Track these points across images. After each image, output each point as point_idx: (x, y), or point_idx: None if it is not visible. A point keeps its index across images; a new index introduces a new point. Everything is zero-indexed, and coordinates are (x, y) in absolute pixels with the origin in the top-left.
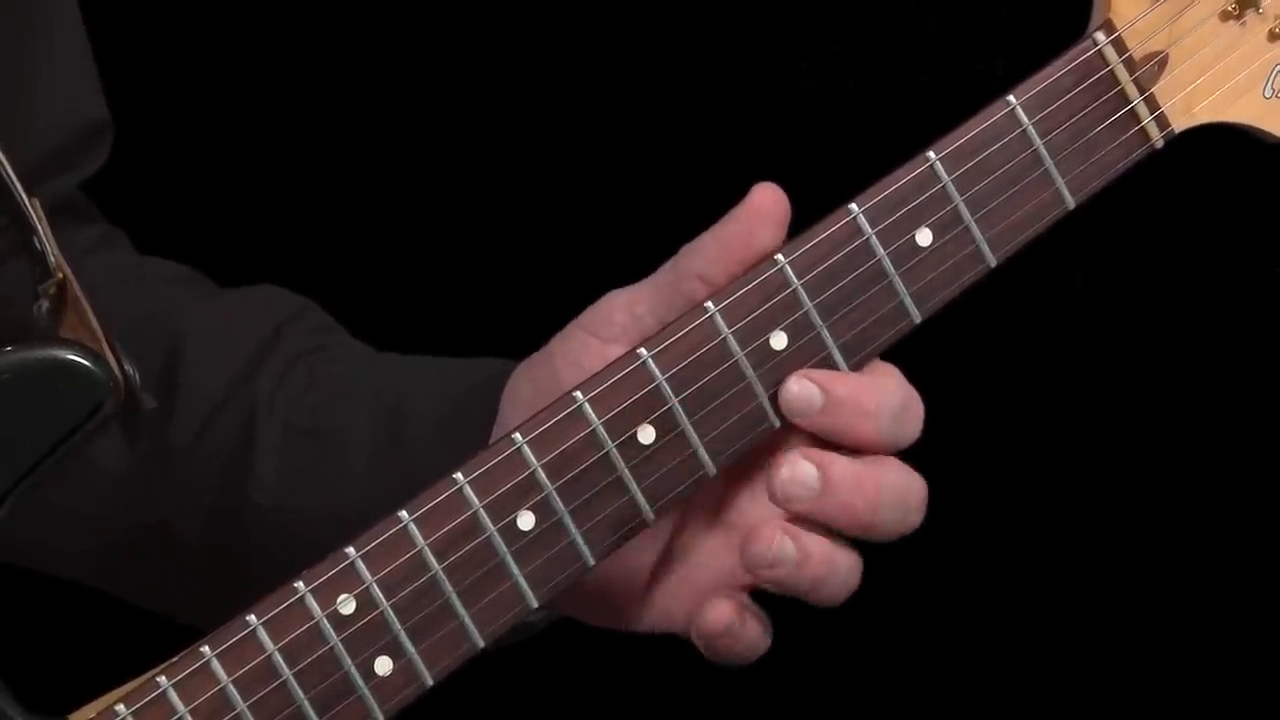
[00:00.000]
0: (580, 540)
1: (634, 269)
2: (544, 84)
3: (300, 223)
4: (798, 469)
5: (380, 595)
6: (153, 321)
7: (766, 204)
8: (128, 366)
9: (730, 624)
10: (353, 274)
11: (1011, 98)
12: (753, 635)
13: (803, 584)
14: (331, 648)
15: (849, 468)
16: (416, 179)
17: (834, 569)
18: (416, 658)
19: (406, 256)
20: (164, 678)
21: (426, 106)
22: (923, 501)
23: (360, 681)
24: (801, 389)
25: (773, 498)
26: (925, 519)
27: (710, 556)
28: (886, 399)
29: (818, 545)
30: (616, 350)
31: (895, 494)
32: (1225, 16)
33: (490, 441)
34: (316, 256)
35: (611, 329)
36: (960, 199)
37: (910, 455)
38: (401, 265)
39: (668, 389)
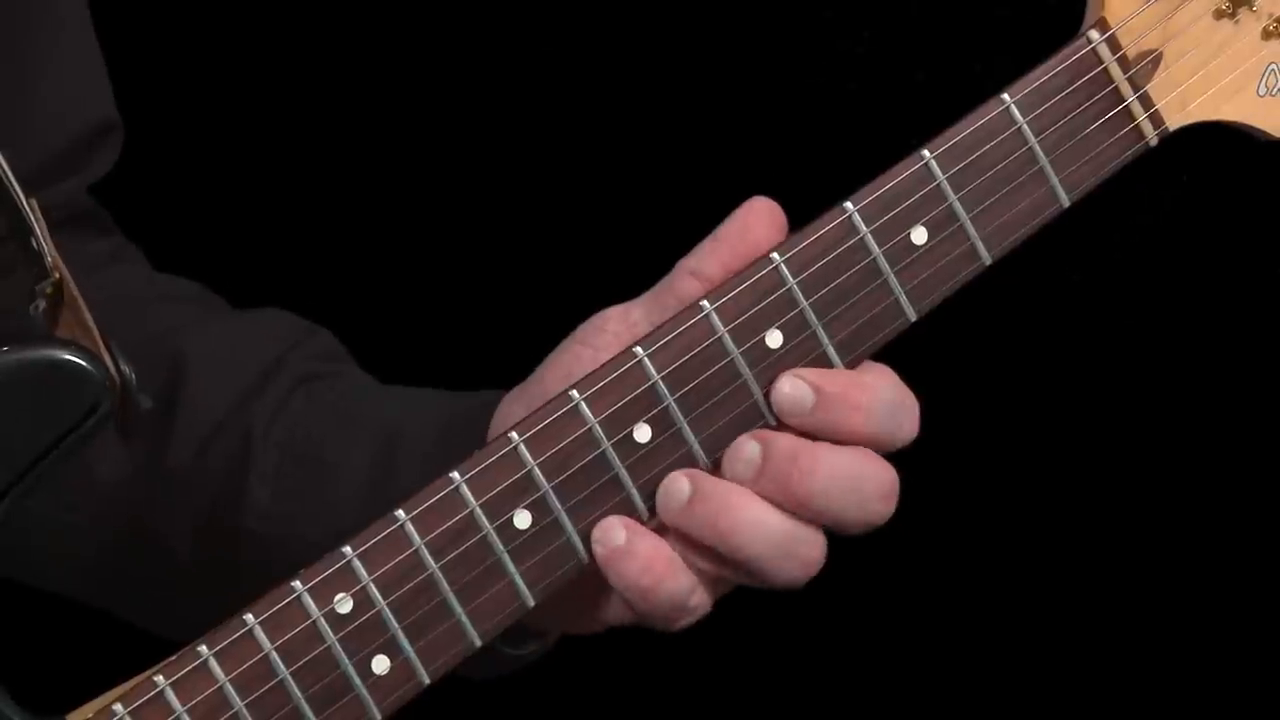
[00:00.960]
0: (577, 538)
1: (635, 270)
2: (545, 85)
3: (310, 226)
4: (742, 446)
5: (377, 594)
6: (158, 340)
7: (765, 208)
8: (124, 366)
9: (609, 527)
10: (363, 281)
11: (1006, 96)
12: (647, 552)
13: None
14: (329, 647)
15: (788, 445)
16: (430, 194)
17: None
18: (413, 656)
19: (419, 273)
20: (162, 677)
21: (442, 115)
22: (888, 492)
23: (357, 680)
24: (793, 388)
25: (726, 476)
26: (923, 516)
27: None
28: (879, 396)
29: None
30: (608, 358)
31: (839, 476)
32: (1219, 14)
33: None
34: (328, 258)
35: (604, 337)
36: (955, 197)
37: (907, 451)
38: (413, 282)
39: (663, 387)
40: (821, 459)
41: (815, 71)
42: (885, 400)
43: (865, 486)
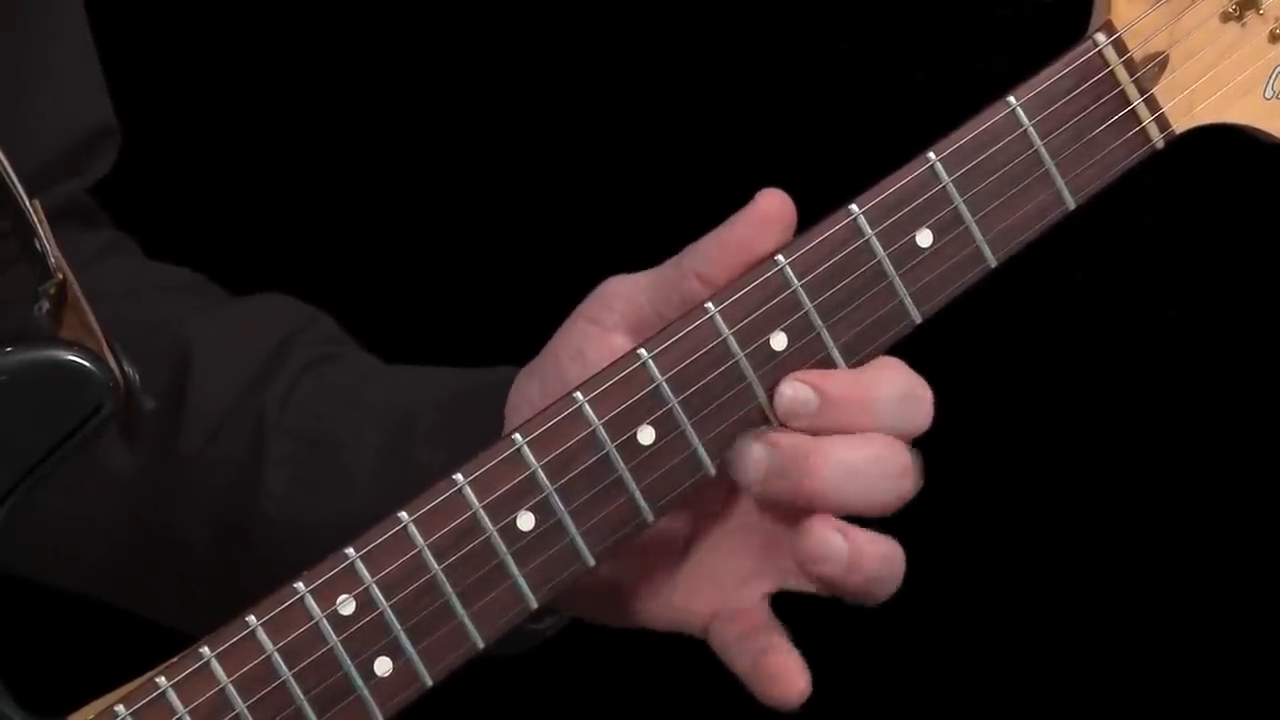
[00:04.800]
0: (580, 540)
1: (638, 269)
2: (547, 86)
3: (308, 227)
4: (744, 451)
5: (380, 596)
6: (161, 329)
7: (773, 209)
8: (127, 367)
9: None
10: (362, 277)
11: (1012, 98)
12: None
13: (853, 583)
14: (331, 648)
15: (793, 444)
16: (425, 182)
17: (889, 566)
18: (416, 658)
19: (416, 261)
20: (163, 678)
21: (439, 109)
22: (906, 467)
23: (360, 682)
24: (795, 392)
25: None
26: (925, 516)
27: (729, 557)
28: (884, 390)
29: (869, 542)
30: (618, 338)
31: (852, 465)
32: (1226, 17)
33: None
34: (324, 259)
35: (612, 316)
36: (961, 200)
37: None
38: (410, 269)
39: (668, 390)
40: (829, 454)
41: (814, 72)
42: (890, 395)
43: (883, 468)
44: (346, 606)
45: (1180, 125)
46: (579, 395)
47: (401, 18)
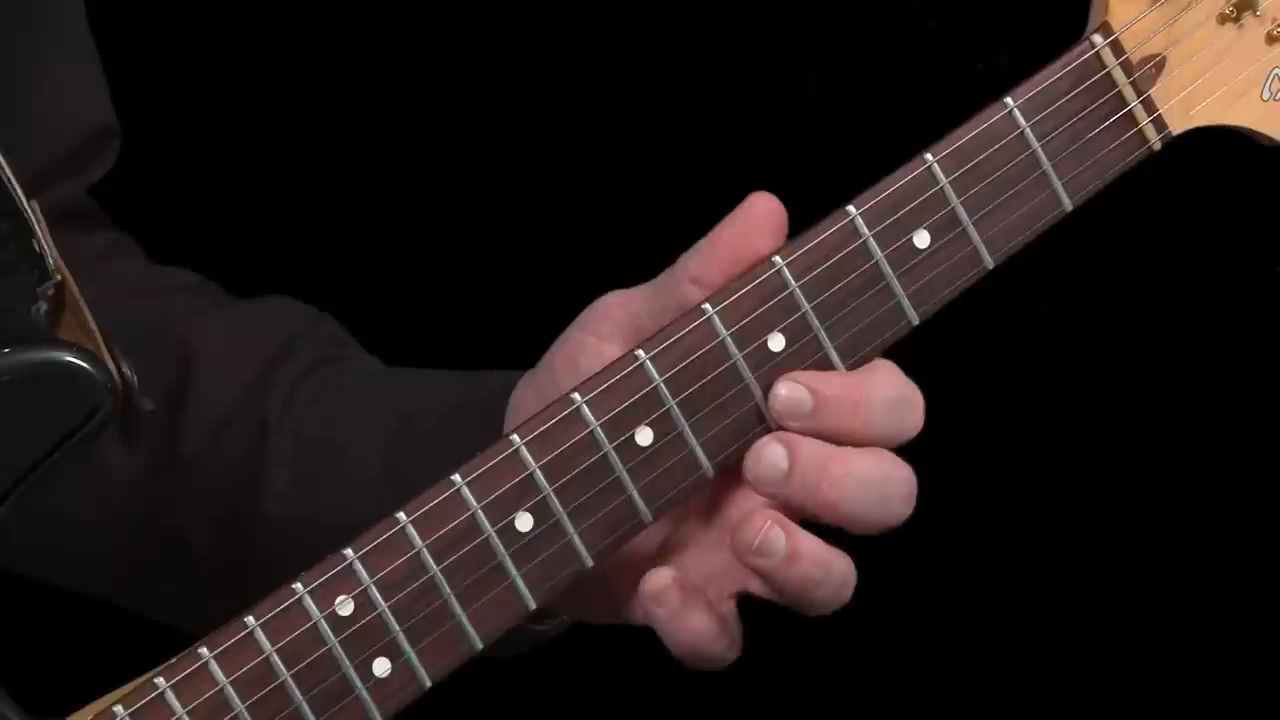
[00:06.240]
0: (578, 541)
1: (639, 273)
2: (547, 89)
3: (309, 228)
4: (765, 450)
5: (378, 596)
6: (164, 331)
7: (763, 211)
8: (126, 368)
9: (663, 591)
10: (364, 279)
11: (1009, 100)
12: (696, 625)
13: (791, 584)
14: (330, 649)
15: (816, 450)
16: (425, 179)
17: (827, 573)
18: (414, 659)
19: (416, 261)
20: (162, 679)
21: (437, 112)
22: (908, 493)
23: (358, 682)
24: (790, 392)
25: (748, 480)
26: (926, 519)
27: (704, 555)
28: (877, 393)
29: (810, 543)
30: (612, 348)
31: (866, 480)
32: (1223, 19)
33: None
34: (325, 261)
35: (608, 326)
36: (958, 201)
37: (908, 454)
38: (411, 270)
39: (666, 391)
40: (850, 464)
41: (814, 72)
42: (884, 399)
43: (889, 490)
44: (345, 607)
45: (1177, 127)
46: (577, 396)
47: (407, 24)
